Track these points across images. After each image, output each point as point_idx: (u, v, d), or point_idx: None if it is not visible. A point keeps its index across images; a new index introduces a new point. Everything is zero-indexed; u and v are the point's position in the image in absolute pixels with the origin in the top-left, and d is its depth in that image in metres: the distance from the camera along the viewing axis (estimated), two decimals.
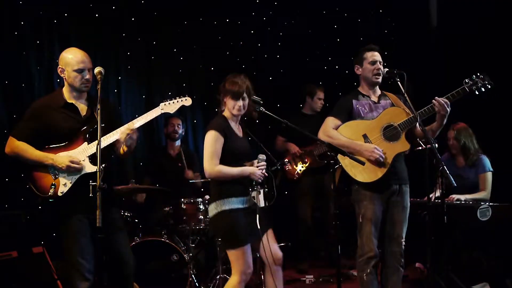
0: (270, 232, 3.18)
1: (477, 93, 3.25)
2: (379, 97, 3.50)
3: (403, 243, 3.37)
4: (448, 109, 3.22)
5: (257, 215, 3.06)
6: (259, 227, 3.04)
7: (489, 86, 3.26)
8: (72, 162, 2.95)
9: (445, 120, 3.28)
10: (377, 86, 3.52)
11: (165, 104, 3.14)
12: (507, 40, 4.95)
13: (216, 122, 3.12)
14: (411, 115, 3.29)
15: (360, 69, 3.49)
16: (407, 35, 5.80)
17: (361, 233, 3.36)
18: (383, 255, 3.40)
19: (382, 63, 3.44)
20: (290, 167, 5.15)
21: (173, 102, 3.15)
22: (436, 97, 3.24)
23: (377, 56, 3.44)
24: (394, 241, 3.37)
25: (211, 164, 3.03)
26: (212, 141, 3.05)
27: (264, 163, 3.13)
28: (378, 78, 3.43)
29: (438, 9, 5.76)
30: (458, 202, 4.03)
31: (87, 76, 3.03)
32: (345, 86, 4.16)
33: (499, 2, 5.01)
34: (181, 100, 3.16)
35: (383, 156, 3.25)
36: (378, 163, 3.27)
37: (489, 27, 5.08)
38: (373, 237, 3.30)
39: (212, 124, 3.11)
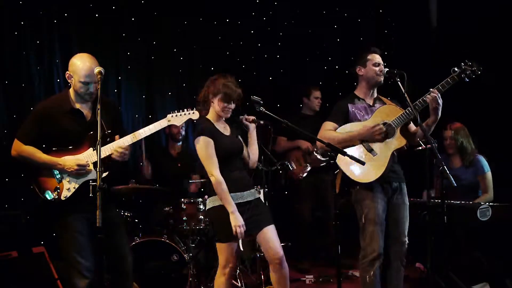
0: (270, 228, 3.16)
1: (466, 80, 3.23)
2: (374, 100, 3.51)
3: (407, 241, 3.37)
4: (440, 101, 3.20)
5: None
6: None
7: (479, 72, 3.24)
8: (78, 165, 2.97)
9: (439, 113, 3.24)
10: (375, 89, 3.52)
11: (172, 116, 3.15)
12: (507, 40, 4.95)
13: (202, 128, 3.17)
14: (403, 111, 3.29)
15: (362, 70, 3.48)
16: (407, 35, 5.80)
17: (364, 235, 3.32)
18: (386, 255, 3.36)
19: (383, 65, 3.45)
20: (295, 167, 5.10)
21: (181, 115, 3.17)
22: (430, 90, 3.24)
23: (379, 58, 3.47)
24: (397, 241, 3.36)
25: (209, 168, 3.11)
26: (204, 146, 3.13)
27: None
28: (381, 78, 3.43)
29: (438, 9, 5.76)
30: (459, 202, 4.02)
31: (92, 90, 3.04)
32: (345, 86, 4.15)
33: (499, 2, 5.01)
34: (189, 113, 3.17)
35: (384, 130, 3.25)
36: (377, 162, 3.27)
37: (489, 27, 5.08)
38: (378, 238, 3.26)
39: (198, 131, 3.16)
